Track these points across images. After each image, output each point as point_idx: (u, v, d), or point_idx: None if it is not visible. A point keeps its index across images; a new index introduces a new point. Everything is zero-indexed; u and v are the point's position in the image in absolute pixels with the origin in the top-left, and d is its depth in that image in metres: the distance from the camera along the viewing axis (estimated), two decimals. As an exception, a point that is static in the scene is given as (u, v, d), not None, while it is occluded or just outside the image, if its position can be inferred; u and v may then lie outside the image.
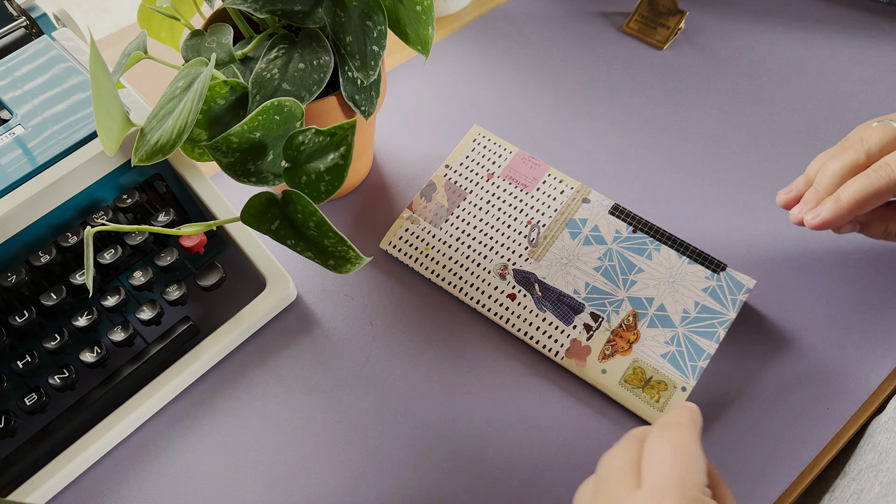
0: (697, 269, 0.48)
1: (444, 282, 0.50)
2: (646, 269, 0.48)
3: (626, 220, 0.50)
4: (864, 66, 0.61)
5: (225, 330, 0.47)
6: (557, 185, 0.52)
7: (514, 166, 0.53)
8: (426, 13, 0.42)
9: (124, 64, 0.42)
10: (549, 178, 0.52)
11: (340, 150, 0.39)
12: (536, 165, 0.53)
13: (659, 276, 0.48)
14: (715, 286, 0.47)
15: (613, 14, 0.67)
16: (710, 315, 0.46)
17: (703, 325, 0.46)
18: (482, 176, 0.53)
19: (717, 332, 0.46)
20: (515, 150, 0.53)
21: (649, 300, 0.47)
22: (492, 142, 0.54)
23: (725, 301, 0.46)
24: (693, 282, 0.47)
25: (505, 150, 0.54)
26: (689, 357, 0.45)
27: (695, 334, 0.46)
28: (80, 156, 0.45)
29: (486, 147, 0.54)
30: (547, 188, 0.52)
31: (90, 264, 0.39)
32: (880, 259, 0.50)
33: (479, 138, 0.54)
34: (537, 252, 0.50)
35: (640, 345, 0.46)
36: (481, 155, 0.54)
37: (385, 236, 0.52)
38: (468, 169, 0.53)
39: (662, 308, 0.47)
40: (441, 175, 0.53)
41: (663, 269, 0.48)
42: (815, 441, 0.43)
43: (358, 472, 0.44)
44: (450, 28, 0.67)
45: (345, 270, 0.40)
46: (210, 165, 0.59)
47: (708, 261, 0.48)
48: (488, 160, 0.53)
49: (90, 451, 0.44)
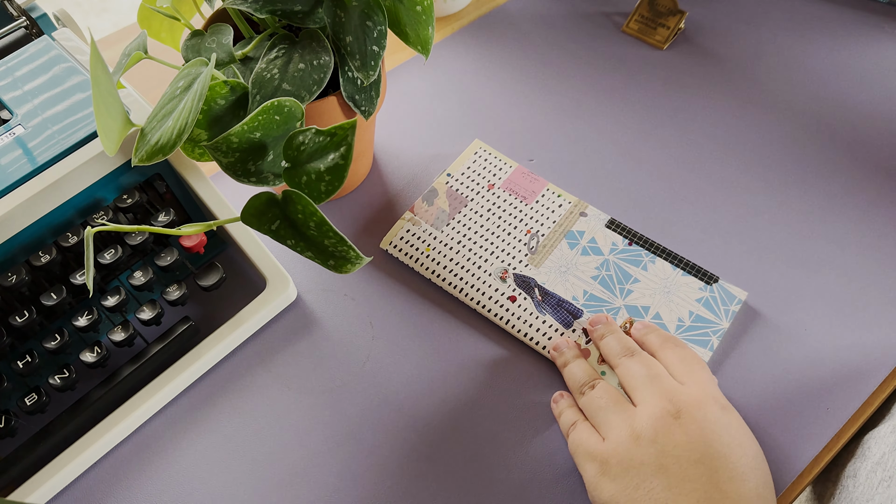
0: (691, 281, 0.49)
1: (444, 282, 0.50)
2: (641, 280, 0.49)
3: (622, 234, 0.51)
4: (864, 66, 0.61)
5: (225, 330, 0.47)
6: (556, 199, 0.53)
7: (514, 179, 0.54)
8: (426, 13, 0.42)
9: (124, 64, 0.42)
10: (548, 192, 0.53)
11: (340, 150, 0.39)
12: (535, 180, 0.54)
13: (654, 286, 0.49)
14: (708, 297, 0.48)
15: (613, 14, 0.67)
16: (704, 324, 0.47)
17: (698, 334, 0.47)
18: (483, 186, 0.54)
19: (711, 341, 0.46)
20: (515, 165, 0.55)
21: (645, 308, 0.48)
22: (492, 156, 0.56)
23: (718, 311, 0.47)
24: (687, 292, 0.48)
25: (505, 165, 0.55)
26: None
27: (689, 342, 0.46)
28: (81, 156, 0.45)
29: (486, 160, 0.55)
30: (546, 201, 0.53)
31: (90, 264, 0.39)
32: (881, 258, 0.50)
33: (480, 151, 0.56)
34: (537, 259, 0.50)
35: None
36: (482, 167, 0.55)
37: (385, 236, 0.52)
38: (469, 179, 0.54)
39: (658, 316, 0.48)
40: (443, 182, 0.54)
41: (658, 280, 0.49)
42: (815, 441, 0.43)
43: (358, 472, 0.44)
44: (450, 28, 0.67)
45: (345, 270, 0.40)
46: (210, 165, 0.59)
47: (701, 273, 0.49)
48: (489, 172, 0.55)
49: (90, 451, 0.44)
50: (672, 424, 0.38)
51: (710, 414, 0.38)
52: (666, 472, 0.36)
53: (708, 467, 0.36)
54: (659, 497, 0.36)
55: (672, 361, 0.43)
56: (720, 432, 0.38)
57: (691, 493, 0.36)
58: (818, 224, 0.52)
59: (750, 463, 0.37)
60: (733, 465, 0.36)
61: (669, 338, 0.45)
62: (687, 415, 0.38)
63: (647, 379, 0.41)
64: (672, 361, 0.43)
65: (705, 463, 0.36)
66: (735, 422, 0.39)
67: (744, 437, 0.39)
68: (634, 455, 0.38)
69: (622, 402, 0.41)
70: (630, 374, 0.42)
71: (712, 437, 0.37)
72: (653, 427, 0.38)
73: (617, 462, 0.38)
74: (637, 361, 0.43)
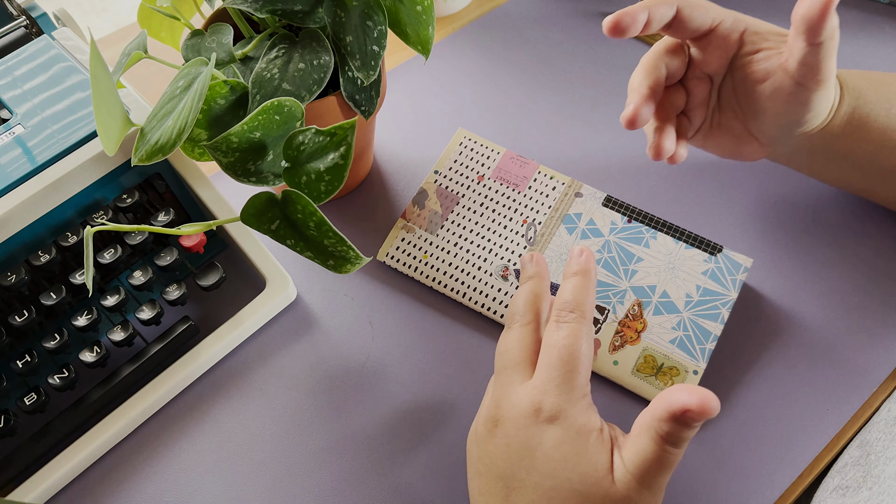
0: (695, 254, 0.48)
1: (445, 288, 0.50)
2: (645, 258, 0.48)
3: (621, 211, 0.50)
4: (865, 65, 0.61)
5: (224, 330, 0.47)
6: (549, 182, 0.52)
7: (504, 166, 0.53)
8: (426, 13, 0.42)
9: (124, 63, 0.42)
10: (540, 175, 0.52)
11: (340, 150, 0.39)
12: (526, 164, 0.53)
13: (658, 263, 0.48)
14: (714, 268, 0.47)
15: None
16: (713, 297, 0.47)
17: (707, 308, 0.46)
18: (472, 179, 0.53)
19: (721, 314, 0.46)
20: (503, 151, 0.53)
21: (652, 288, 0.47)
22: (479, 144, 0.54)
23: (725, 282, 0.47)
24: (692, 266, 0.48)
25: (493, 152, 0.53)
26: (696, 340, 0.45)
27: (700, 317, 0.46)
28: (80, 155, 0.45)
29: (473, 150, 0.54)
30: (539, 185, 0.52)
31: (90, 264, 0.39)
32: (883, 258, 0.50)
33: (465, 141, 0.54)
34: (536, 249, 0.50)
35: (649, 333, 0.46)
36: (469, 158, 0.53)
37: (381, 247, 0.52)
38: (458, 173, 0.53)
39: (665, 294, 0.47)
40: (431, 181, 0.53)
41: (662, 257, 0.48)
42: (815, 441, 0.43)
43: (357, 472, 0.44)
44: (450, 28, 0.67)
45: (345, 270, 0.40)
46: (210, 165, 0.59)
47: (704, 244, 0.48)
48: (477, 163, 0.53)
49: (90, 450, 0.44)
50: (489, 433, 0.36)
51: (522, 431, 0.35)
52: (480, 476, 0.36)
53: (505, 486, 0.35)
54: (475, 495, 0.37)
55: (546, 342, 0.37)
56: (522, 455, 0.35)
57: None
58: (820, 217, 0.52)
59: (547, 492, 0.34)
60: (529, 490, 0.34)
61: (572, 302, 0.37)
62: (502, 427, 0.36)
63: (497, 370, 0.38)
64: (546, 342, 0.37)
65: (503, 482, 0.35)
66: (549, 443, 0.34)
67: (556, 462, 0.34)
68: (471, 448, 0.38)
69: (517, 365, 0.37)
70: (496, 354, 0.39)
71: (513, 457, 0.35)
72: (478, 430, 0.37)
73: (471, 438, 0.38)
74: (503, 339, 0.39)
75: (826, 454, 0.43)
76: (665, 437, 0.32)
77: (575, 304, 0.37)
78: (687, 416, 0.31)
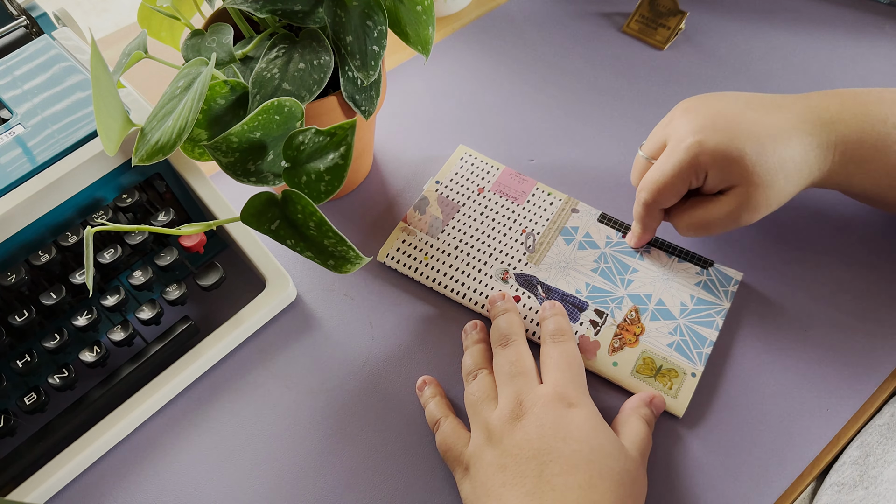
0: (687, 266, 0.50)
1: (445, 289, 0.50)
2: (640, 269, 0.50)
3: (615, 227, 0.52)
4: (865, 66, 0.61)
5: (224, 330, 0.47)
6: (546, 198, 0.54)
7: (503, 181, 0.55)
8: (426, 13, 0.42)
9: (124, 63, 0.42)
10: (538, 191, 0.54)
11: (340, 150, 0.39)
12: (524, 181, 0.54)
13: (653, 274, 0.50)
14: (706, 280, 0.49)
15: (614, 14, 0.67)
16: (707, 306, 0.48)
17: (702, 316, 0.48)
18: (473, 191, 0.54)
19: (716, 321, 0.47)
20: (502, 167, 0.55)
21: (647, 296, 0.49)
22: (478, 160, 0.56)
23: (718, 293, 0.48)
24: (685, 277, 0.49)
25: (492, 168, 0.55)
26: (693, 345, 0.46)
27: (695, 324, 0.47)
28: (80, 155, 0.45)
29: (473, 164, 0.56)
30: (537, 200, 0.53)
31: (90, 264, 0.39)
32: (884, 257, 0.50)
33: (465, 157, 0.56)
34: (535, 257, 0.51)
35: (647, 336, 0.47)
36: (470, 172, 0.55)
37: (382, 248, 0.52)
38: (458, 185, 0.55)
39: (661, 302, 0.48)
40: (433, 190, 0.54)
41: (656, 268, 0.50)
42: (815, 441, 0.43)
43: (357, 472, 0.44)
44: (450, 28, 0.67)
45: (345, 270, 0.40)
46: (210, 165, 0.59)
47: (696, 258, 0.50)
48: (477, 176, 0.55)
49: (90, 450, 0.44)
50: (515, 425, 0.40)
51: (552, 412, 0.39)
52: (505, 470, 0.38)
53: (539, 462, 0.37)
54: (497, 493, 0.38)
55: (548, 355, 0.44)
56: (557, 428, 0.39)
57: (521, 487, 0.37)
58: (813, 223, 0.52)
59: (586, 455, 0.38)
60: (566, 458, 0.37)
61: (558, 329, 0.45)
62: (529, 415, 0.40)
63: (508, 377, 0.42)
64: (548, 355, 0.44)
65: (538, 459, 0.38)
66: (579, 418, 0.40)
67: (588, 431, 0.39)
68: (484, 456, 0.40)
69: (491, 399, 0.42)
70: (497, 369, 0.44)
71: (548, 433, 0.38)
72: (500, 429, 0.40)
73: (474, 463, 0.40)
74: (505, 355, 0.44)
75: (826, 454, 0.43)
76: (646, 418, 0.42)
77: (561, 330, 0.45)
78: (654, 403, 0.44)
